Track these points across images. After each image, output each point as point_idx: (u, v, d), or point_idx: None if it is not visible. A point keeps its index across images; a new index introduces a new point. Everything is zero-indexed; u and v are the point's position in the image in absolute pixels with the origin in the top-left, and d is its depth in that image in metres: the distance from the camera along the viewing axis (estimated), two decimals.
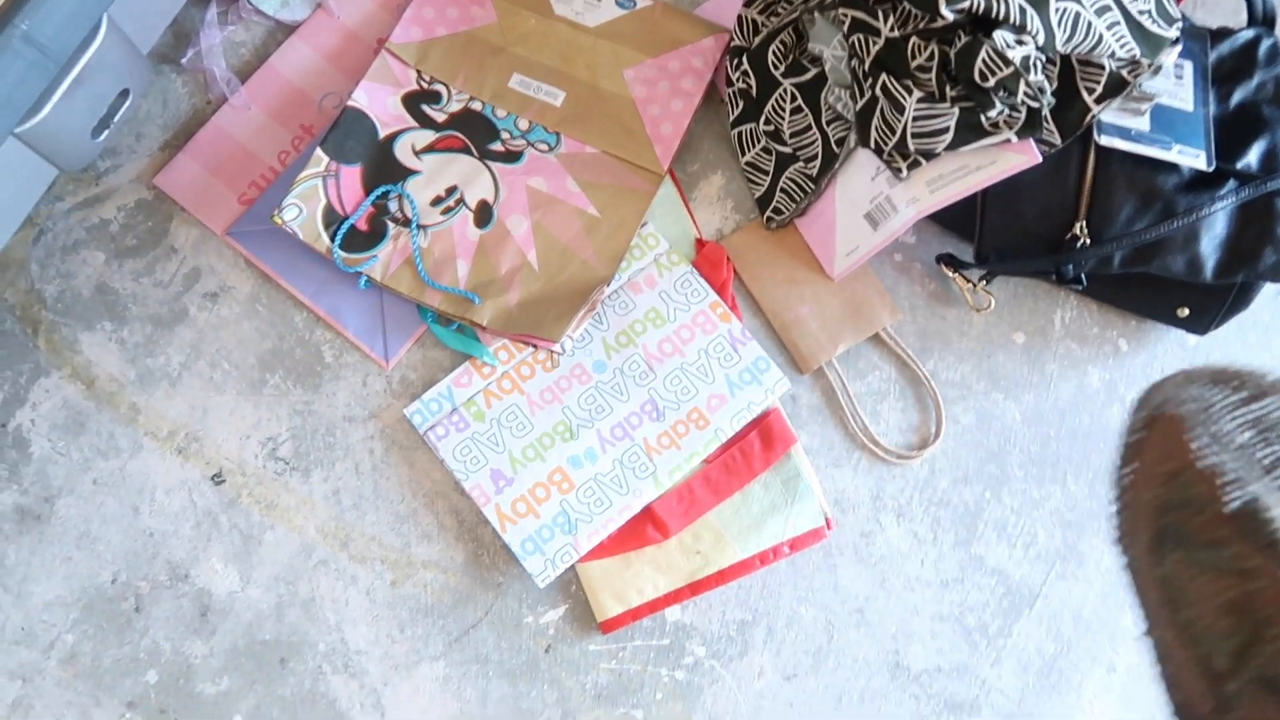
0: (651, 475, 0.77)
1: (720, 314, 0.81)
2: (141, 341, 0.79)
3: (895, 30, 0.73)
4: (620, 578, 0.76)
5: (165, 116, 0.84)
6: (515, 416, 0.78)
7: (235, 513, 0.77)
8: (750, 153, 0.84)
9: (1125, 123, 0.77)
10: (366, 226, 0.80)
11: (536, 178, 0.83)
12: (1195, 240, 0.77)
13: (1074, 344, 0.85)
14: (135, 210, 0.82)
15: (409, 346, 0.80)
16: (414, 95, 0.84)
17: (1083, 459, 0.82)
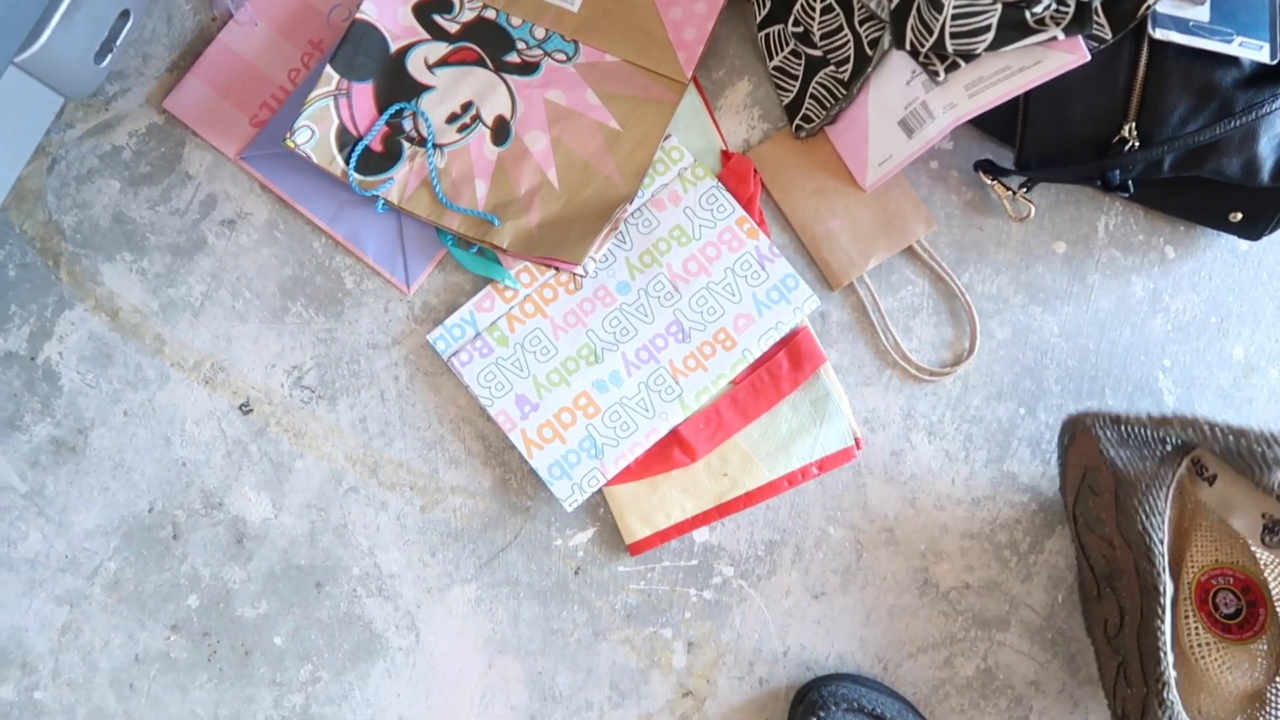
0: (678, 398, 0.76)
1: (747, 230, 0.78)
2: (162, 271, 0.79)
3: None
4: (648, 500, 0.76)
5: (171, 36, 0.81)
6: (539, 340, 0.77)
7: (264, 441, 0.77)
8: (778, 56, 0.80)
9: (1183, 13, 0.72)
10: (381, 147, 0.78)
11: (554, 90, 0.79)
12: (1253, 140, 0.72)
13: (1118, 252, 0.81)
14: (147, 136, 0.80)
15: (430, 270, 0.79)
16: (425, 5, 0.80)
17: (1122, 372, 0.80)
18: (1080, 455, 0.73)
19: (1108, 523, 0.71)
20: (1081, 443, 0.72)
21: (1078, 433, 0.72)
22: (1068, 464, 0.75)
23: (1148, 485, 0.69)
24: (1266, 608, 0.74)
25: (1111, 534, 0.71)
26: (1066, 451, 0.74)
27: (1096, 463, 0.71)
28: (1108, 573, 0.73)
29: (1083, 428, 0.71)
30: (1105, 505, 0.71)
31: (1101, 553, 0.73)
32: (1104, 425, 0.69)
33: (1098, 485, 0.72)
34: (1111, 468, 0.70)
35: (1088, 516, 0.74)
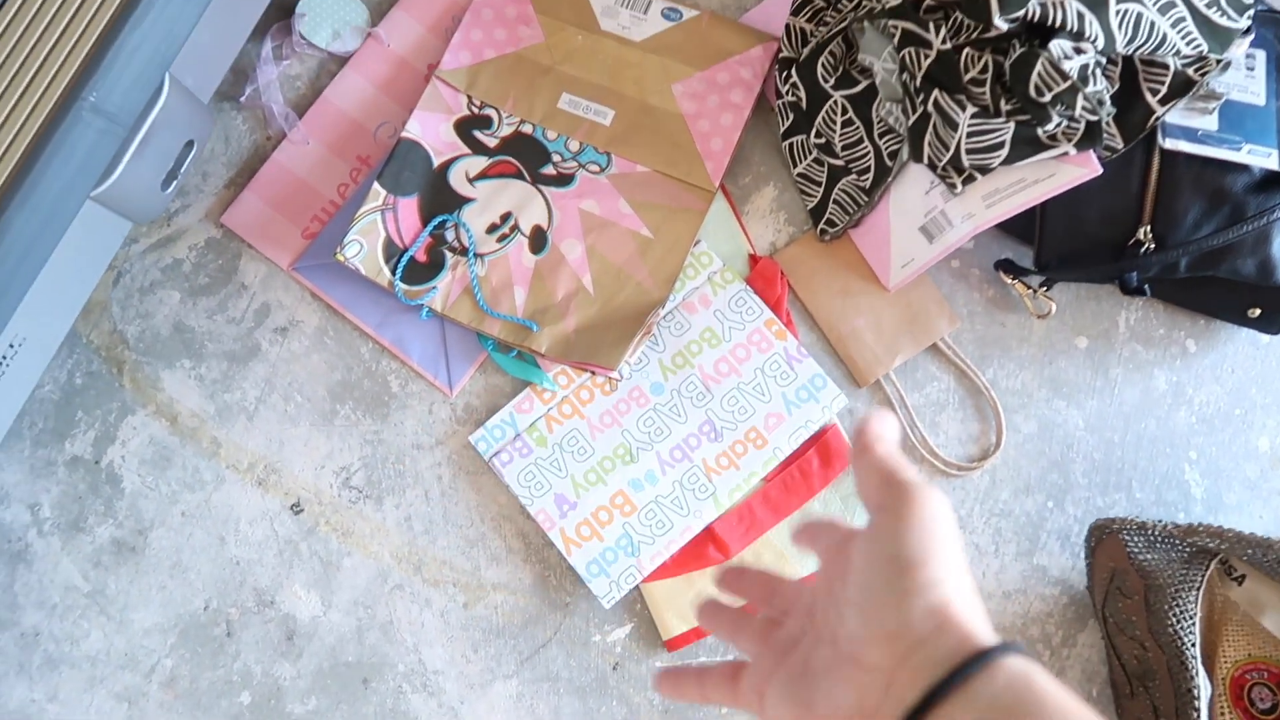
0: (711, 496, 0.79)
1: (775, 331, 0.81)
2: (219, 377, 0.83)
3: (947, 42, 0.71)
4: (683, 597, 0.78)
5: (228, 154, 0.86)
6: (576, 441, 0.80)
7: (314, 540, 0.80)
8: (802, 164, 0.84)
9: (1191, 122, 0.74)
10: (425, 257, 0.82)
11: (589, 200, 0.83)
12: (1267, 242, 0.74)
13: (1139, 346, 0.83)
14: (205, 249, 0.85)
15: (471, 373, 0.82)
16: (466, 121, 0.85)
17: (1149, 465, 0.81)
18: (1108, 558, 0.74)
19: (1139, 624, 0.72)
20: (1109, 546, 0.73)
21: (1104, 537, 0.73)
22: (1095, 566, 0.76)
23: (1177, 588, 0.70)
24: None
25: (1143, 635, 0.72)
26: (1094, 553, 0.76)
27: (1125, 566, 0.72)
28: (1140, 672, 0.73)
29: (1109, 532, 0.73)
30: (1135, 607, 0.72)
31: (1133, 653, 0.74)
32: (1131, 531, 0.71)
33: (1127, 588, 0.73)
34: (1140, 571, 0.71)
35: (1118, 617, 0.75)
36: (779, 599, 0.43)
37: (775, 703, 0.38)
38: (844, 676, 0.35)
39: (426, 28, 0.88)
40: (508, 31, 0.87)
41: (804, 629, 0.39)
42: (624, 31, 0.86)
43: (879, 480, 0.36)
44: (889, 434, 0.38)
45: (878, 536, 0.35)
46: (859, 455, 0.38)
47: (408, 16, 0.88)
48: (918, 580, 0.33)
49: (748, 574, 0.45)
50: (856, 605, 0.35)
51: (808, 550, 0.41)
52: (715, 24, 0.85)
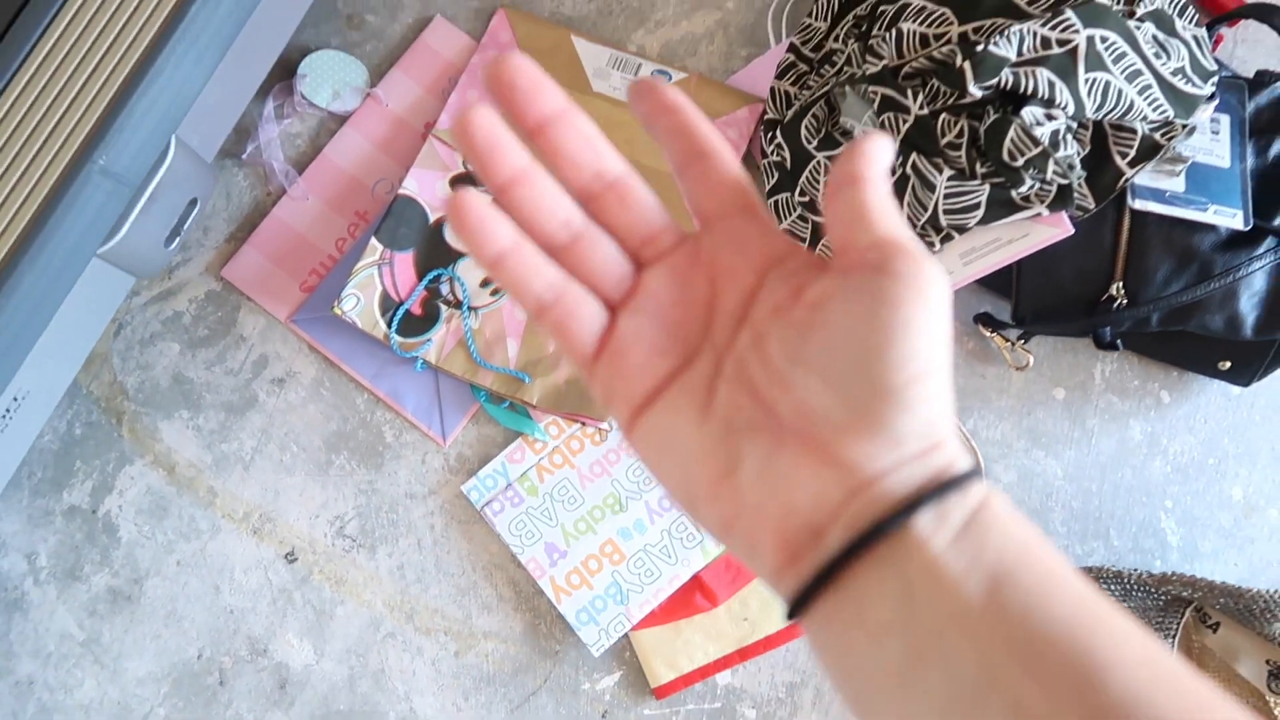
0: (699, 544, 0.80)
1: None
2: (216, 428, 0.84)
3: (924, 108, 0.74)
4: (672, 645, 0.79)
5: (229, 210, 0.88)
6: (567, 490, 0.82)
7: (308, 589, 0.81)
8: (786, 220, 0.86)
9: (1160, 184, 0.78)
10: (420, 310, 0.84)
11: None
12: (1234, 299, 0.77)
13: (1115, 397, 0.85)
14: (205, 302, 0.87)
15: (464, 424, 0.84)
16: (461, 177, 0.88)
17: (1125, 514, 0.83)
18: None
19: None
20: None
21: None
22: None
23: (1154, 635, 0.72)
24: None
25: None
26: None
27: None
28: None
29: (1091, 578, 0.74)
30: None
31: None
32: (1107, 579, 0.73)
33: None
34: None
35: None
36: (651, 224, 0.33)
37: (667, 432, 0.31)
38: (794, 455, 0.29)
39: (424, 88, 0.91)
40: None
41: (699, 334, 0.32)
42: (615, 93, 0.89)
43: (874, 233, 0.29)
44: (884, 167, 0.30)
45: (873, 308, 0.28)
46: (843, 187, 0.29)
47: (406, 77, 0.91)
48: (926, 388, 0.28)
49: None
50: (831, 381, 0.28)
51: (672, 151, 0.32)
52: (703, 86, 0.89)
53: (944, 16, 0.74)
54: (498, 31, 0.91)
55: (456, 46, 0.92)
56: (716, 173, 0.31)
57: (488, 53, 0.90)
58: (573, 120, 0.31)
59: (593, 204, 0.32)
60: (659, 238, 0.33)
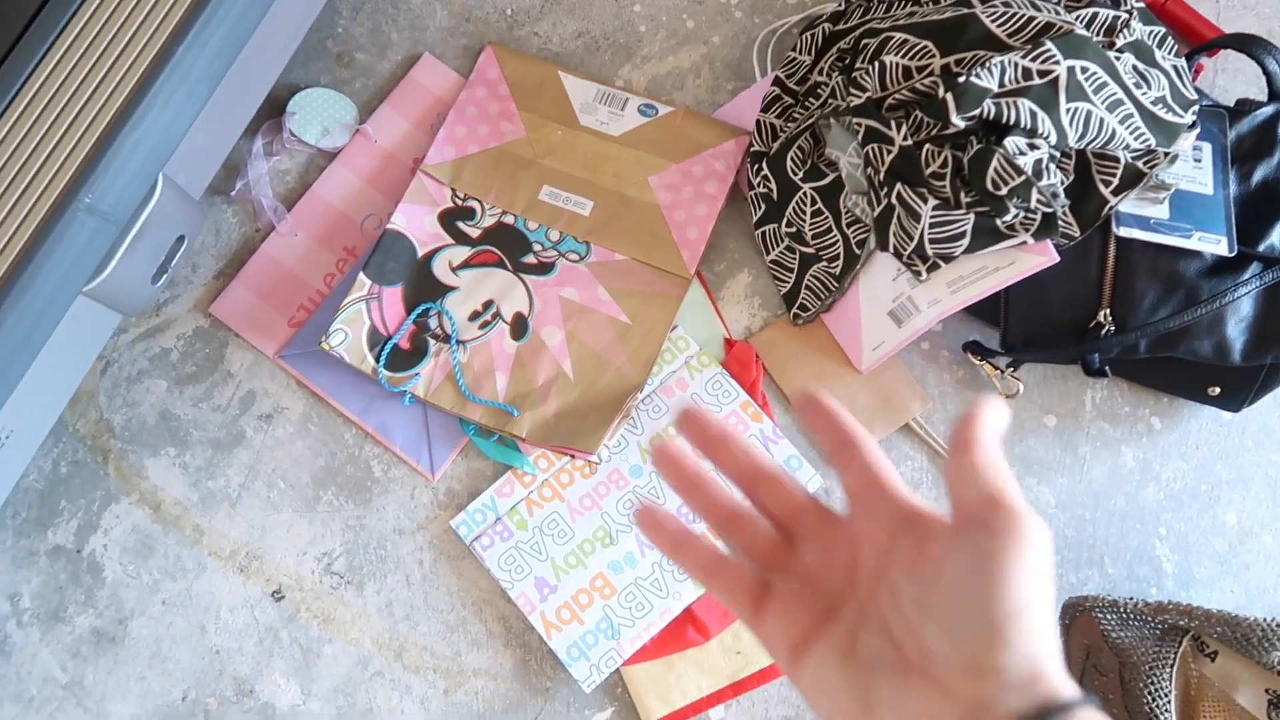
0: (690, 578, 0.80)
1: (751, 414, 0.83)
2: (203, 465, 0.84)
3: (908, 139, 0.75)
4: (664, 680, 0.78)
5: (218, 246, 0.89)
6: (557, 524, 0.81)
7: (295, 627, 0.80)
8: (774, 251, 0.87)
9: (1144, 211, 0.78)
10: (409, 345, 0.84)
11: (569, 288, 0.86)
12: (1221, 324, 0.77)
13: (1106, 424, 0.85)
14: (193, 338, 0.86)
15: (453, 458, 0.84)
16: (449, 213, 0.88)
17: (1120, 540, 0.83)
18: (1082, 635, 0.75)
19: (1115, 703, 0.72)
20: (1083, 624, 0.74)
21: (1078, 615, 0.74)
22: (1070, 644, 0.77)
23: (1151, 665, 0.71)
24: None
25: (1120, 713, 0.72)
26: (1068, 632, 0.76)
27: (1099, 644, 0.73)
28: None
29: (1083, 610, 0.74)
30: (1111, 685, 0.73)
31: None
32: (1103, 609, 0.72)
33: (1102, 665, 0.74)
34: (1114, 649, 0.72)
35: (1095, 695, 0.75)
36: (785, 509, 0.39)
37: (818, 675, 0.36)
38: (919, 691, 0.33)
39: (413, 124, 0.92)
40: (490, 127, 0.90)
41: (844, 590, 0.37)
42: (602, 127, 0.90)
43: (982, 493, 0.33)
44: (997, 431, 0.35)
45: (979, 562, 0.32)
46: (959, 451, 0.34)
47: (395, 113, 0.92)
48: (1024, 626, 0.32)
49: (731, 441, 0.40)
50: (946, 625, 0.33)
51: (838, 465, 0.38)
52: (690, 119, 0.89)
53: (926, 49, 0.75)
54: (485, 68, 0.92)
55: (445, 83, 0.93)
56: (860, 459, 0.38)
57: (476, 89, 0.91)
58: (739, 438, 0.41)
59: (753, 489, 0.40)
60: (806, 513, 0.39)
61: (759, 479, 0.40)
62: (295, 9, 0.82)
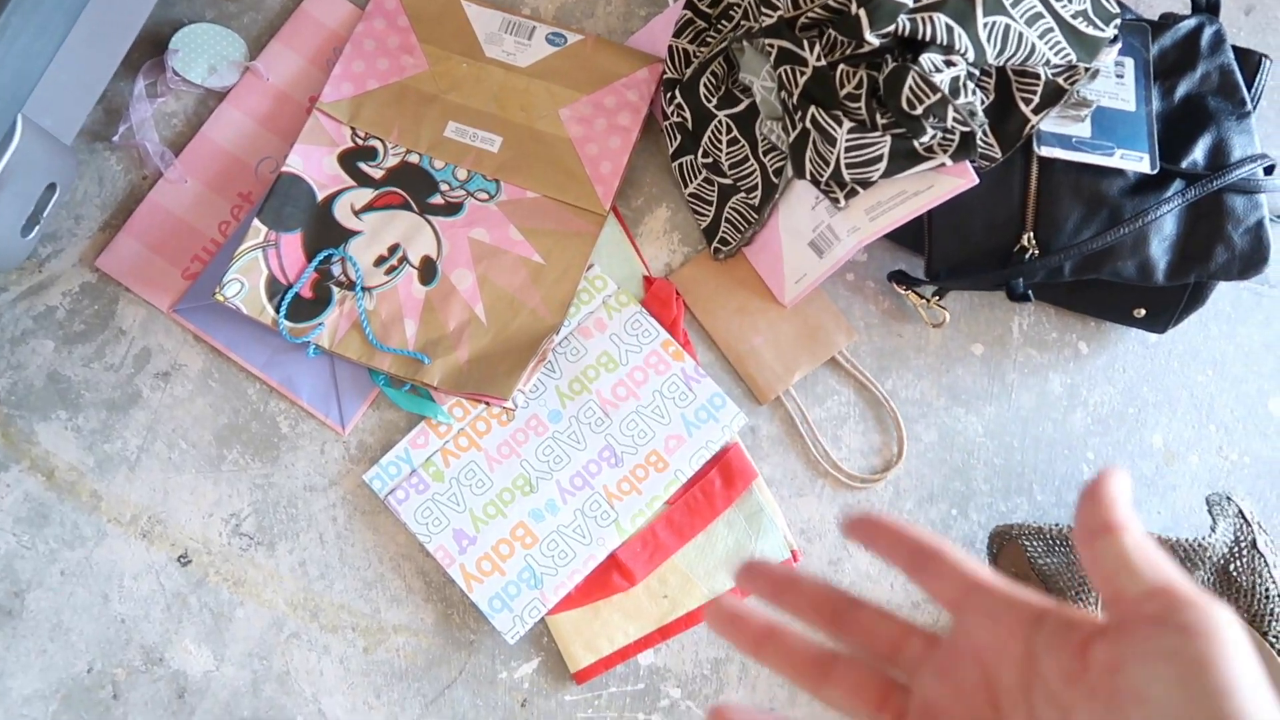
0: (614, 522, 0.77)
1: (672, 352, 0.80)
2: (97, 427, 0.79)
3: (822, 59, 0.71)
4: (590, 627, 0.76)
5: (102, 196, 0.83)
6: (474, 474, 0.78)
7: (204, 592, 0.77)
8: (692, 184, 0.83)
9: (1066, 130, 0.76)
10: (311, 293, 0.80)
11: (478, 229, 0.82)
12: (1145, 244, 0.75)
13: (1033, 350, 0.84)
14: (80, 294, 0.81)
15: (364, 410, 0.80)
16: (349, 153, 0.83)
17: (1048, 467, 0.82)
18: (1010, 564, 0.74)
19: None
20: (1010, 553, 0.73)
21: (1004, 543, 0.74)
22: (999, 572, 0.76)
23: (1077, 591, 0.70)
24: None
25: None
26: (996, 561, 0.76)
27: (1026, 571, 0.72)
28: None
29: (1009, 539, 0.73)
30: None
31: None
32: (1028, 536, 0.71)
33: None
34: (1041, 575, 0.71)
35: None
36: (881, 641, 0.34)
37: None
38: None
39: (307, 59, 0.86)
40: (390, 61, 0.85)
41: (989, 718, 0.32)
42: (509, 58, 0.85)
43: (1146, 584, 0.29)
44: (1128, 507, 0.30)
45: (1186, 674, 0.27)
46: (1099, 536, 0.30)
47: (287, 49, 0.86)
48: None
49: (803, 582, 0.35)
50: None
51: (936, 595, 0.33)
52: (600, 48, 0.85)
53: None
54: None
55: (340, 15, 0.87)
56: (946, 564, 0.33)
57: (373, 21, 0.85)
58: (810, 577, 0.35)
59: (839, 628, 0.34)
60: (907, 640, 0.34)
61: (843, 615, 0.35)
62: None
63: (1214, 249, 0.75)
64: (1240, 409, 0.84)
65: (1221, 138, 0.76)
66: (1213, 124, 0.77)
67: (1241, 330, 0.85)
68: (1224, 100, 0.78)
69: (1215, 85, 0.78)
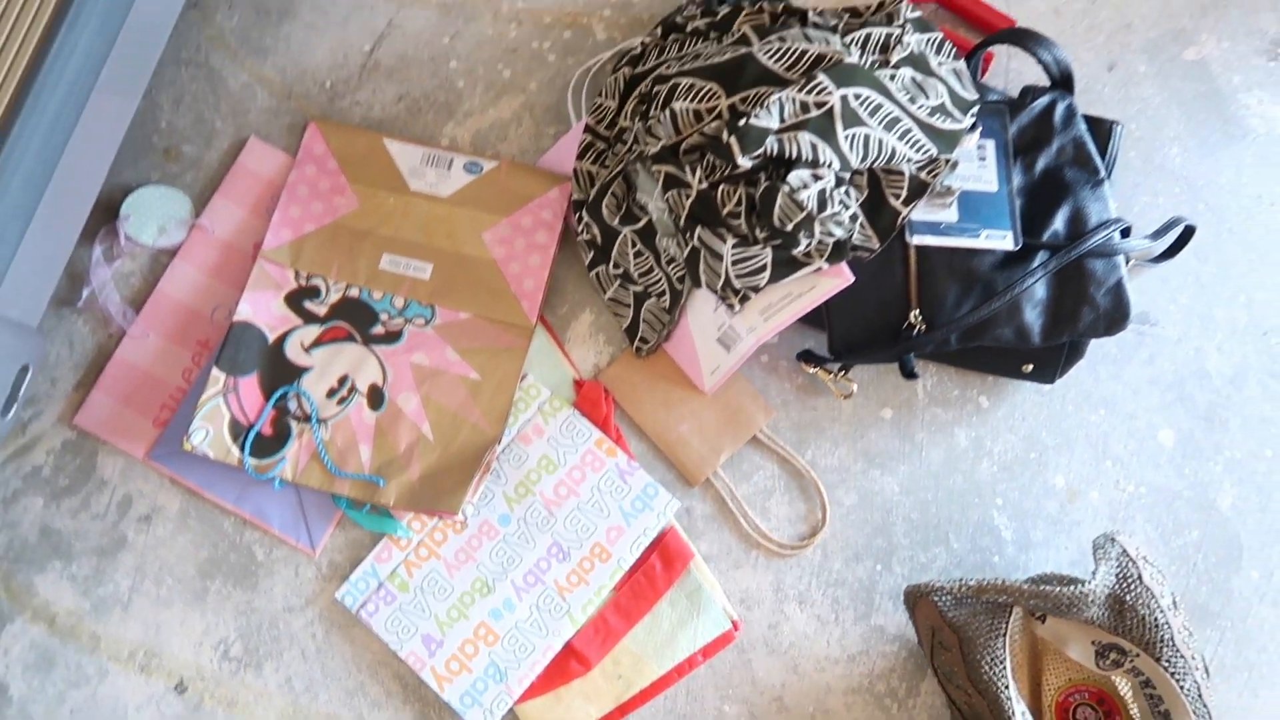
0: (566, 614, 0.85)
1: (606, 449, 0.88)
2: (90, 573, 0.87)
3: (703, 182, 0.79)
4: (554, 712, 0.84)
5: (74, 358, 0.91)
6: (436, 581, 0.86)
7: (201, 716, 0.84)
8: (610, 290, 0.91)
9: (935, 217, 0.83)
10: (271, 430, 0.87)
11: (418, 353, 0.89)
12: (1019, 311, 0.83)
13: (939, 409, 0.91)
14: (63, 451, 0.89)
15: (331, 531, 0.88)
16: (295, 294, 0.91)
17: (961, 516, 0.89)
18: (926, 618, 0.81)
19: (960, 674, 0.79)
20: (924, 608, 0.80)
21: (918, 600, 0.81)
22: (918, 625, 0.83)
23: (986, 638, 0.77)
24: (1122, 714, 0.82)
25: (965, 684, 0.79)
26: (914, 614, 0.83)
27: (940, 623, 0.80)
28: (973, 715, 0.81)
29: (921, 595, 0.80)
30: (955, 659, 0.79)
31: (963, 699, 0.81)
32: (938, 593, 0.78)
33: (946, 642, 0.80)
34: (952, 626, 0.79)
35: (944, 669, 0.82)
36: None
37: None
38: None
39: (248, 210, 0.94)
40: (324, 204, 0.93)
41: None
42: (432, 189, 0.93)
43: None
44: None
45: None
46: None
47: (228, 202, 0.94)
48: None
49: None
50: None
51: None
52: (514, 172, 0.92)
53: (712, 91, 0.79)
54: (311, 145, 0.94)
55: (274, 164, 0.95)
56: None
57: (304, 168, 0.93)
58: None
59: None
60: None
61: None
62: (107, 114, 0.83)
63: (1080, 310, 0.82)
64: (1133, 443, 0.91)
65: (1078, 207, 0.83)
66: (1070, 195, 0.84)
67: (1128, 370, 0.92)
68: (1080, 170, 0.85)
69: (1070, 157, 0.85)
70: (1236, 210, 0.95)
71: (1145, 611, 0.76)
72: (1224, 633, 0.87)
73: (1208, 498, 0.90)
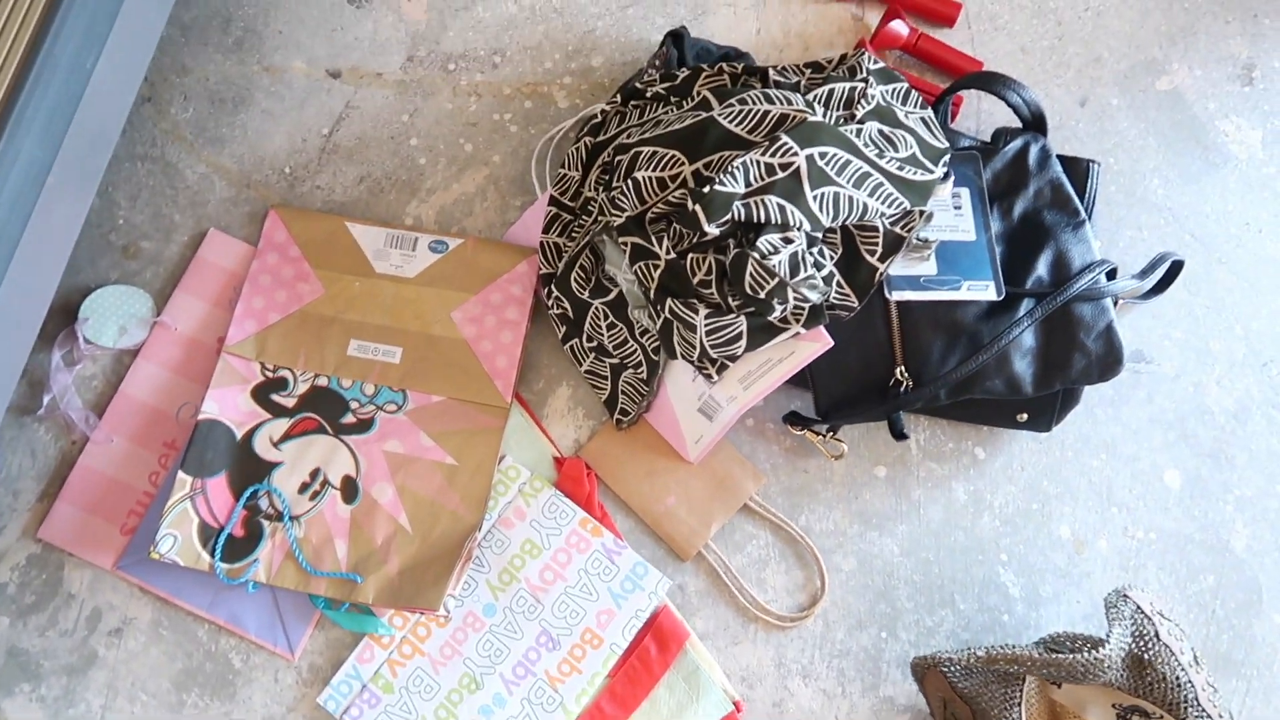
0: (560, 706, 0.81)
1: (591, 529, 0.84)
2: (60, 694, 0.83)
3: (671, 251, 0.76)
4: None
5: (36, 468, 0.88)
6: (421, 679, 0.82)
7: None
8: (586, 362, 0.88)
9: (914, 270, 0.80)
10: (243, 531, 0.84)
11: (391, 441, 0.86)
12: (1008, 362, 0.80)
13: (933, 464, 0.88)
14: (28, 567, 0.86)
15: (310, 632, 0.84)
16: (261, 386, 0.88)
17: (965, 574, 0.85)
18: (936, 689, 0.77)
19: None
20: (932, 679, 0.77)
21: (926, 671, 0.77)
22: (928, 696, 0.79)
23: (1001, 709, 0.74)
24: None
25: None
26: (923, 686, 0.79)
27: (951, 694, 0.76)
28: None
29: (929, 666, 0.76)
30: None
31: None
32: (946, 664, 0.74)
33: (959, 713, 0.76)
34: (964, 698, 0.75)
35: None
36: None
37: None
38: None
39: (210, 303, 0.91)
40: (288, 292, 0.90)
41: None
42: (398, 270, 0.90)
43: None
44: None
45: None
46: None
47: (190, 296, 0.91)
48: None
49: None
50: None
51: None
52: (480, 248, 0.90)
53: (675, 158, 0.77)
54: (272, 233, 0.92)
55: (235, 255, 0.92)
56: None
57: (266, 256, 0.91)
58: None
59: None
60: None
61: None
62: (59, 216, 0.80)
63: (1071, 357, 0.79)
64: (1138, 487, 0.87)
65: (1061, 250, 0.81)
66: (1051, 239, 0.81)
67: (1126, 411, 0.89)
68: (1059, 213, 0.82)
69: (1049, 200, 0.83)
70: (1224, 239, 0.93)
71: (1166, 670, 0.72)
72: (1250, 682, 0.84)
73: (1220, 539, 0.86)
